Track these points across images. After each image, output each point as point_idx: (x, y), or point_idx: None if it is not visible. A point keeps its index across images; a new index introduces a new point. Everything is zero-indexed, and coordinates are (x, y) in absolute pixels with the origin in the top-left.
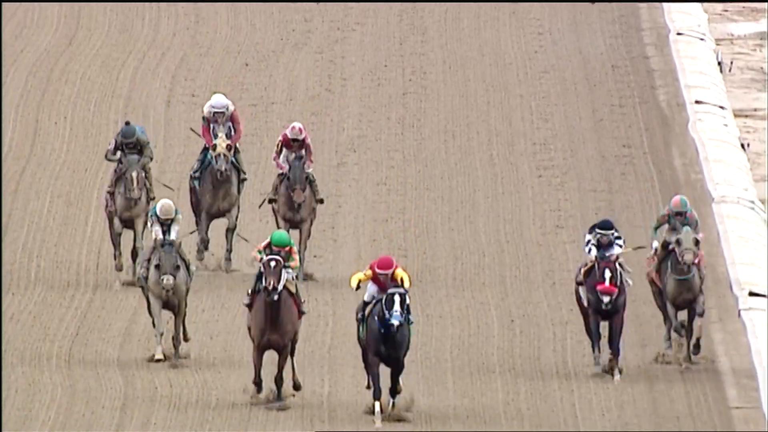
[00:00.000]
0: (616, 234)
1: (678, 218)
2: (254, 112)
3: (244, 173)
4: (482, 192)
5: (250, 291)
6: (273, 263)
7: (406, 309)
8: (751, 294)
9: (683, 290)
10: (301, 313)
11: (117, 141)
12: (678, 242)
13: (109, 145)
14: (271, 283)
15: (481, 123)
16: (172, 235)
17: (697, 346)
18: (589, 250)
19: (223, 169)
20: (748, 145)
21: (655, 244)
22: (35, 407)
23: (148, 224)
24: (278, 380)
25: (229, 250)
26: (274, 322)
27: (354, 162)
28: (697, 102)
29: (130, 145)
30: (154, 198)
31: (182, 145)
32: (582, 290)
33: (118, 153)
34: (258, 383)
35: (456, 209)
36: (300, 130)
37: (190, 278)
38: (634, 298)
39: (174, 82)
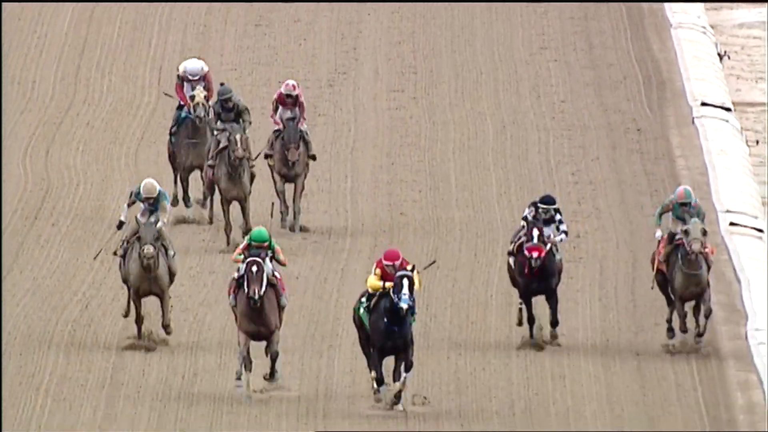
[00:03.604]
0: (557, 211)
1: (683, 209)
2: None
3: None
4: (479, 19)
5: (231, 289)
6: (255, 268)
7: (414, 292)
8: (703, 104)
9: (691, 284)
10: (281, 306)
11: (216, 108)
12: (686, 232)
13: (209, 115)
14: (255, 291)
15: None
16: (156, 217)
17: (700, 334)
18: (523, 225)
19: (201, 115)
20: None
21: (659, 233)
22: (107, 199)
23: (126, 202)
24: (271, 371)
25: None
26: (259, 317)
27: None
28: None
29: (228, 105)
30: (253, 166)
31: None
32: (512, 261)
33: (220, 123)
34: (246, 364)
35: (457, 34)
36: (294, 86)
37: (173, 268)
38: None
39: None
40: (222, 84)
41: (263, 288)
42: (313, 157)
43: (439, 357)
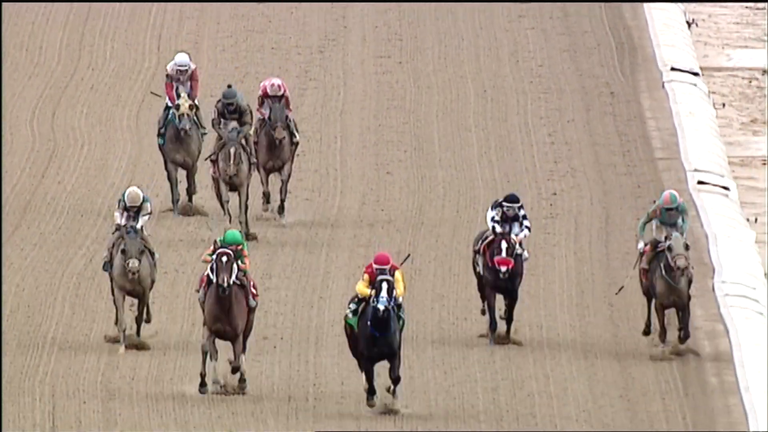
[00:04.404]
0: (520, 207)
1: (669, 213)
2: None
3: (204, 128)
4: None
5: (203, 284)
6: (225, 258)
7: (394, 299)
8: (672, 69)
9: (672, 294)
10: (249, 307)
11: (219, 108)
12: (669, 248)
13: (212, 113)
14: (224, 279)
15: None
16: (139, 223)
17: (686, 336)
18: (493, 227)
19: (187, 128)
20: None
21: (641, 244)
22: (110, 158)
23: (116, 211)
24: (234, 370)
25: (191, 193)
26: (225, 314)
27: None
28: None
29: (231, 108)
30: (255, 163)
31: None
32: (479, 259)
33: (222, 122)
34: (211, 353)
35: (440, 3)
36: (279, 87)
37: (156, 267)
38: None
39: None
40: (229, 86)
41: (233, 277)
42: (297, 144)
43: (423, 307)
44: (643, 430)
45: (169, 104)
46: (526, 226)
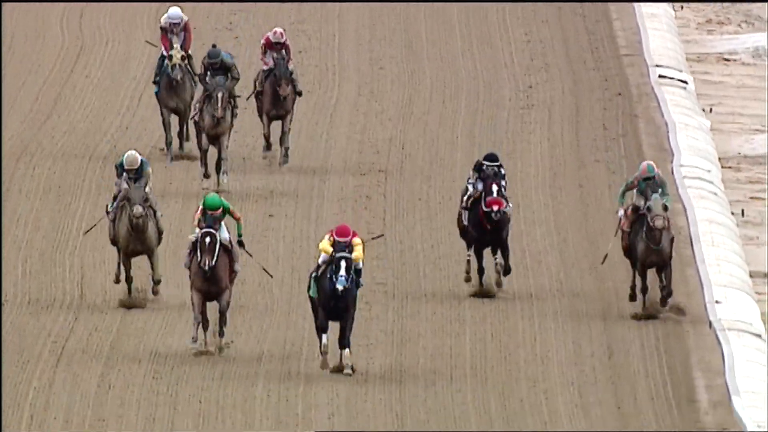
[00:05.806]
0: (501, 166)
1: (647, 183)
2: None
3: (197, 75)
4: None
5: (188, 251)
6: (208, 239)
7: (352, 273)
8: None
9: (652, 254)
10: (234, 272)
11: (204, 64)
12: (648, 209)
13: (199, 68)
14: (206, 262)
15: None
16: (143, 187)
17: (669, 294)
18: (474, 186)
19: (179, 78)
20: None
21: (621, 211)
22: (131, 53)
23: (116, 180)
24: (220, 329)
25: (182, 140)
26: (211, 278)
27: None
28: None
29: (215, 65)
30: (236, 115)
31: None
32: (465, 215)
33: (209, 74)
34: (203, 323)
35: None
36: (281, 34)
37: (160, 228)
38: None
39: None
40: (213, 46)
41: (215, 259)
42: (300, 93)
43: (412, 187)
44: (609, 298)
45: (164, 54)
46: (503, 182)
